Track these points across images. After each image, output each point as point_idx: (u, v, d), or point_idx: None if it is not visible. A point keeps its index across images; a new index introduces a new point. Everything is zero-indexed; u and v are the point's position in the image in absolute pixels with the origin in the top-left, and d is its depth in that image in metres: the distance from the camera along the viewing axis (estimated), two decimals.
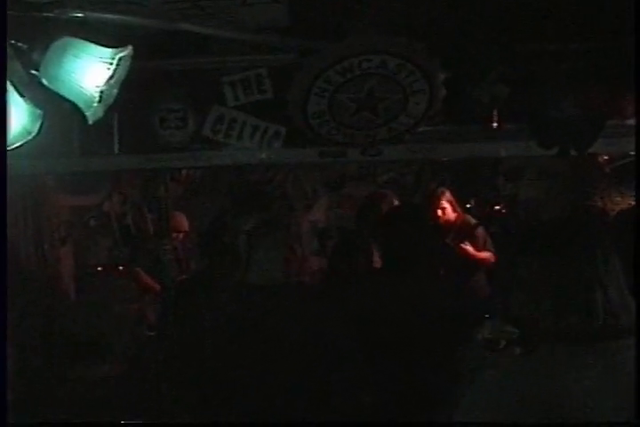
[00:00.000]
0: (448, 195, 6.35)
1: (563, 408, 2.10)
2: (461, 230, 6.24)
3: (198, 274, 4.76)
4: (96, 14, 2.54)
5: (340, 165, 6.77)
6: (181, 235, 6.43)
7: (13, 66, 2.42)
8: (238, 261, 4.13)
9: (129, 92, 2.94)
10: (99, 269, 6.75)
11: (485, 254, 6.06)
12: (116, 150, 4.39)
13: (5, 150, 2.53)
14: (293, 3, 3.58)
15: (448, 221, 6.31)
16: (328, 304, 3.96)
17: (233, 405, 3.65)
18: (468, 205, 6.65)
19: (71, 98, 2.34)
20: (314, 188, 6.80)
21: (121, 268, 6.63)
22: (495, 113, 4.30)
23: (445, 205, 6.32)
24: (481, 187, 7.16)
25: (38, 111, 2.59)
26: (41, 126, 2.61)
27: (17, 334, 5.33)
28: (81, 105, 2.37)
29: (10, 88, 2.39)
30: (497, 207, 6.87)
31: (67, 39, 2.24)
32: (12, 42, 2.21)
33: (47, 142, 3.09)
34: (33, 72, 2.27)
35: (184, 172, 6.49)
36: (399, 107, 4.15)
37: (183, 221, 6.53)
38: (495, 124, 4.31)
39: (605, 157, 6.18)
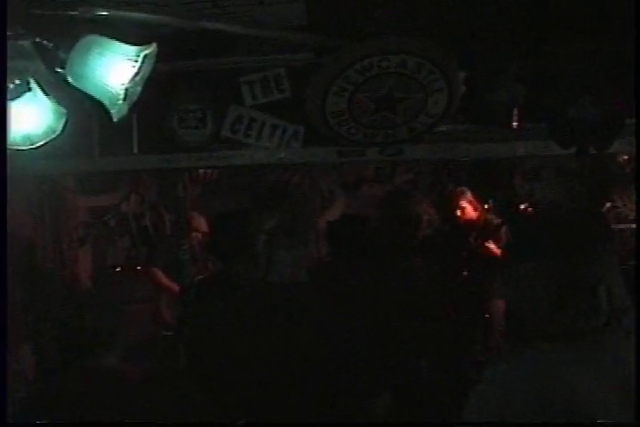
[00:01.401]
0: (468, 195, 6.35)
1: (567, 407, 2.12)
2: (484, 230, 6.23)
3: (217, 274, 4.75)
4: (118, 13, 2.55)
5: (356, 166, 6.76)
6: (200, 235, 6.44)
7: (37, 65, 2.44)
8: (258, 261, 4.15)
9: (148, 92, 2.96)
10: (117, 269, 6.77)
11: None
12: (136, 150, 4.40)
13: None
14: (311, 1, 3.59)
15: (469, 221, 6.30)
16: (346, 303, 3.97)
17: (251, 404, 3.65)
18: (486, 206, 6.62)
19: (96, 96, 2.35)
20: (330, 189, 6.80)
21: (139, 268, 6.64)
22: (514, 112, 4.29)
23: (465, 204, 6.32)
24: (498, 187, 7.15)
25: (63, 110, 2.61)
26: (65, 125, 2.63)
27: (36, 335, 5.37)
28: (106, 103, 2.38)
29: (34, 87, 2.41)
30: (522, 207, 6.85)
31: (92, 37, 2.25)
32: (37, 40, 2.24)
33: (67, 143, 3.10)
34: (58, 70, 2.28)
35: (202, 172, 6.50)
36: (418, 106, 4.15)
37: (202, 221, 6.54)
38: (514, 124, 4.30)
39: (625, 157, 6.17)
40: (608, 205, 6.77)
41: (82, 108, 2.97)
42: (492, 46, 3.96)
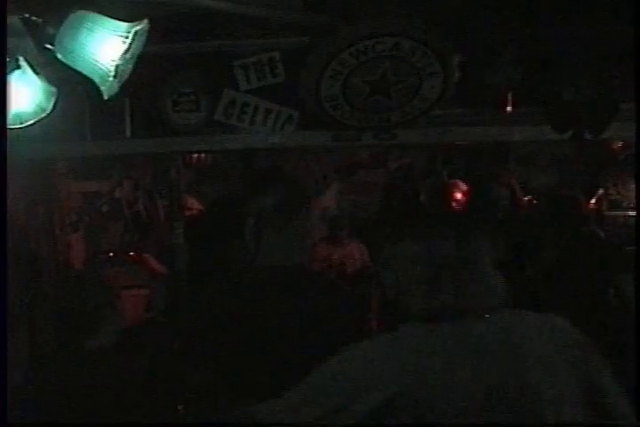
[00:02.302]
0: (460, 185, 6.35)
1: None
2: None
3: (209, 258, 4.74)
4: None
5: (350, 152, 6.75)
6: (194, 219, 6.42)
7: (26, 43, 2.41)
8: (247, 245, 4.13)
9: (140, 75, 2.93)
10: (110, 254, 6.76)
11: None
12: (129, 134, 4.37)
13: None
14: None
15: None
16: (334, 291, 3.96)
17: (244, 387, 3.64)
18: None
19: (86, 72, 2.31)
20: (324, 173, 6.79)
21: (132, 253, 6.63)
22: (509, 96, 4.27)
23: (458, 195, 6.33)
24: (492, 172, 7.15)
25: (52, 89, 2.58)
26: (55, 104, 2.60)
27: (30, 320, 5.35)
28: (96, 79, 2.35)
29: (24, 65, 2.39)
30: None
31: (81, 13, 2.21)
32: (26, 16, 2.21)
33: (59, 126, 3.08)
34: (47, 46, 2.25)
35: (195, 156, 6.49)
36: (413, 90, 4.13)
37: (195, 206, 6.53)
38: (509, 108, 4.29)
39: (619, 143, 6.16)
40: (601, 191, 6.78)
41: (73, 90, 2.95)
42: (487, 29, 3.94)
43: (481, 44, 4.02)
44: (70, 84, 2.75)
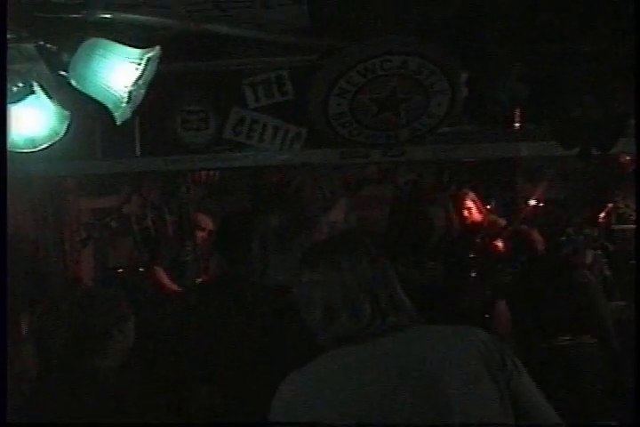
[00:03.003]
0: (472, 195, 6.37)
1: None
2: (489, 231, 6.25)
3: (218, 276, 4.75)
4: (121, 15, 2.54)
5: (358, 167, 6.76)
6: (203, 236, 6.43)
7: (40, 68, 2.44)
8: (255, 264, 4.14)
9: (150, 94, 2.96)
10: (119, 271, 6.78)
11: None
12: (138, 152, 4.40)
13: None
14: (314, 3, 3.59)
15: (475, 222, 6.33)
16: None
17: (253, 403, 3.65)
18: (488, 207, 6.64)
19: (99, 98, 2.35)
20: (332, 190, 6.78)
21: (141, 270, 6.65)
22: (516, 113, 4.29)
23: (470, 205, 6.35)
24: (499, 188, 7.17)
25: (66, 112, 2.61)
26: (68, 127, 2.63)
27: (39, 336, 5.36)
28: (109, 105, 2.38)
29: (38, 90, 2.42)
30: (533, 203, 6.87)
31: (95, 40, 2.25)
32: (40, 43, 2.24)
33: (69, 145, 3.10)
34: (61, 73, 2.28)
35: (204, 173, 6.50)
36: (421, 107, 4.16)
37: (206, 220, 6.54)
38: (516, 125, 4.31)
39: (627, 158, 6.15)
40: (610, 205, 6.77)
41: (84, 110, 2.98)
42: (494, 47, 3.95)
43: (488, 61, 4.03)
44: (81, 103, 2.78)
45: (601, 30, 3.76)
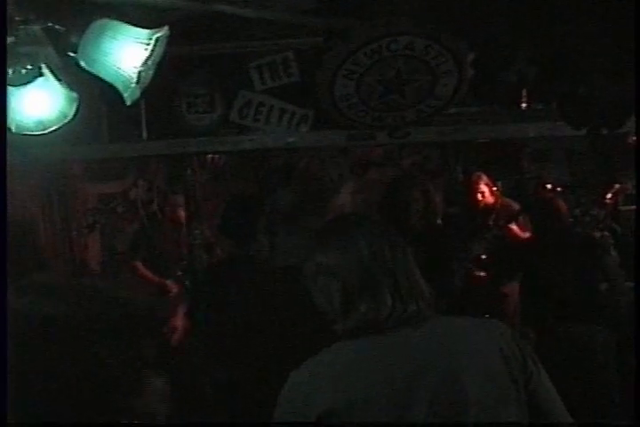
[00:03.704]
0: (485, 178, 6.35)
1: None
2: (502, 213, 6.25)
3: (227, 258, 4.75)
4: None
5: (364, 150, 6.75)
6: (211, 219, 6.41)
7: (47, 50, 2.43)
8: (261, 243, 4.15)
9: (156, 77, 2.95)
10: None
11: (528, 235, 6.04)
12: (145, 136, 4.39)
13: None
14: None
15: (488, 205, 6.32)
16: None
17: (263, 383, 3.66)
18: (495, 188, 6.62)
19: (109, 79, 2.34)
20: (338, 172, 6.77)
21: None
22: (523, 93, 4.28)
23: (484, 188, 6.33)
24: (506, 169, 7.14)
25: (74, 95, 2.60)
26: (77, 110, 2.63)
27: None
28: (118, 86, 2.37)
29: (46, 72, 2.41)
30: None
31: (104, 21, 2.24)
32: (49, 25, 2.23)
33: (76, 129, 3.09)
34: (70, 54, 2.28)
35: (209, 157, 6.49)
36: (427, 88, 4.14)
37: (212, 206, 6.53)
38: (523, 105, 4.29)
39: (634, 138, 6.12)
40: (617, 186, 6.74)
41: (90, 93, 2.97)
42: (501, 27, 3.93)
43: (495, 42, 4.01)
44: (87, 87, 2.78)
45: (609, 9, 3.74)
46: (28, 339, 1.63)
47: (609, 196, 6.67)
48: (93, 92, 3.15)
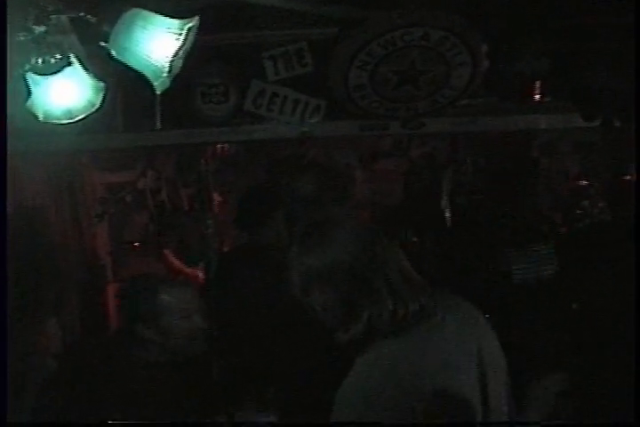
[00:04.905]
0: None
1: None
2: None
3: (241, 246, 4.78)
4: None
5: (373, 140, 6.76)
6: (223, 208, 6.42)
7: (72, 39, 2.46)
8: (280, 234, 4.17)
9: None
10: (135, 245, 6.80)
11: None
12: (159, 126, 4.40)
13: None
14: None
15: None
16: None
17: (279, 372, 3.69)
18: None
19: (139, 69, 2.36)
20: (347, 162, 6.79)
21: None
22: (537, 85, 4.30)
23: None
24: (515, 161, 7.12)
25: (101, 84, 2.63)
26: (104, 99, 2.65)
27: (58, 311, 5.41)
28: (149, 76, 2.40)
29: (74, 62, 2.43)
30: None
31: (135, 11, 2.26)
32: (80, 15, 2.25)
33: (91, 119, 3.11)
34: (102, 44, 2.30)
35: (219, 147, 6.50)
36: (441, 79, 4.16)
37: (224, 196, 6.54)
38: (537, 97, 4.31)
39: None
40: (627, 177, 6.73)
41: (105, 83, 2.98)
42: (516, 19, 3.95)
43: (509, 34, 4.03)
44: (103, 77, 2.80)
45: (622, 2, 3.75)
46: None
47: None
48: (108, 81, 3.15)
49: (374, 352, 2.10)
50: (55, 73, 2.41)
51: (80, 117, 2.63)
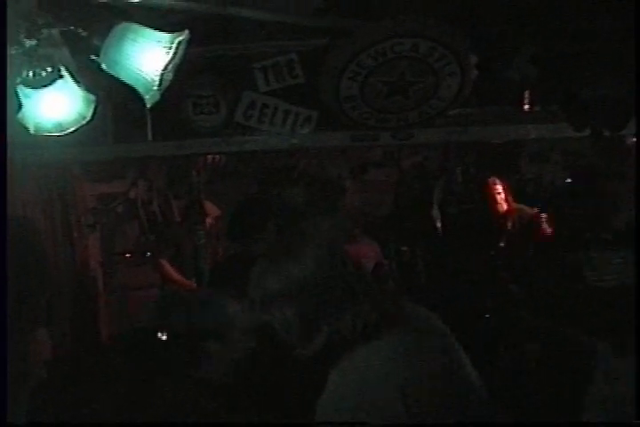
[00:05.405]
0: (499, 182, 6.33)
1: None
2: (517, 219, 6.24)
3: (232, 256, 4.78)
4: (147, 1, 2.57)
5: (364, 150, 6.79)
6: (213, 219, 6.44)
7: (63, 52, 2.47)
8: (270, 241, 4.18)
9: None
10: (126, 255, 6.82)
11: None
12: (150, 137, 4.42)
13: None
14: None
15: (505, 210, 6.29)
16: None
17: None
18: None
19: (130, 82, 2.38)
20: (338, 173, 6.81)
21: (148, 254, 6.69)
22: (526, 95, 4.32)
23: (500, 191, 6.30)
24: (505, 169, 7.16)
25: (91, 96, 2.64)
26: (94, 112, 2.66)
27: (48, 321, 5.39)
28: (140, 89, 2.41)
29: (65, 75, 2.44)
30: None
31: (125, 24, 2.27)
32: (70, 28, 2.26)
33: (82, 130, 3.12)
34: (93, 57, 2.31)
35: (210, 158, 6.52)
36: (431, 90, 4.18)
37: (214, 207, 6.56)
38: (526, 106, 4.33)
39: (633, 139, 6.16)
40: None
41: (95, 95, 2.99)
42: (504, 28, 3.97)
43: (498, 43, 4.05)
44: (93, 89, 2.81)
45: (611, 10, 3.77)
46: None
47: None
48: (99, 93, 3.16)
49: (347, 361, 2.11)
50: (46, 86, 2.42)
51: (71, 130, 2.64)
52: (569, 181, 6.27)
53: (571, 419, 2.45)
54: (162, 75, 2.32)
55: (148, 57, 2.30)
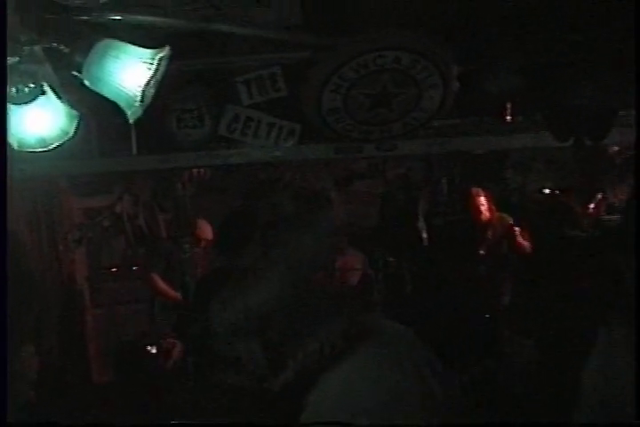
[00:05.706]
0: (482, 193, 6.36)
1: None
2: (498, 228, 6.27)
3: (218, 269, 4.79)
4: (128, 17, 2.58)
5: (348, 162, 6.81)
6: (204, 242, 6.40)
7: (47, 69, 2.49)
8: (256, 255, 4.18)
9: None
10: (113, 269, 6.81)
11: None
12: (135, 151, 4.42)
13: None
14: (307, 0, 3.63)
15: (487, 220, 6.32)
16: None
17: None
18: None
19: (113, 98, 2.39)
20: (323, 185, 6.83)
21: (135, 268, 6.68)
22: (509, 105, 4.35)
23: (484, 203, 6.34)
24: (489, 180, 7.19)
25: (74, 112, 2.65)
26: (77, 128, 2.67)
27: (36, 335, 5.39)
28: (122, 105, 2.43)
29: (48, 91, 2.46)
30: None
31: (107, 41, 2.29)
32: (53, 45, 2.28)
33: (66, 144, 3.13)
34: (75, 74, 2.33)
35: (195, 171, 6.53)
36: (413, 102, 4.20)
37: (200, 220, 6.55)
38: (509, 117, 4.36)
39: (615, 148, 6.22)
40: (599, 196, 6.82)
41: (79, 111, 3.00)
42: (486, 39, 4.00)
43: (480, 54, 4.08)
44: (77, 103, 2.82)
45: (593, 22, 3.81)
46: None
47: (592, 205, 6.75)
48: (82, 109, 3.17)
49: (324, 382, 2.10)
50: (29, 102, 2.43)
51: (54, 146, 2.65)
52: None
53: (570, 419, 2.45)
54: (144, 90, 2.34)
55: (129, 73, 2.32)
